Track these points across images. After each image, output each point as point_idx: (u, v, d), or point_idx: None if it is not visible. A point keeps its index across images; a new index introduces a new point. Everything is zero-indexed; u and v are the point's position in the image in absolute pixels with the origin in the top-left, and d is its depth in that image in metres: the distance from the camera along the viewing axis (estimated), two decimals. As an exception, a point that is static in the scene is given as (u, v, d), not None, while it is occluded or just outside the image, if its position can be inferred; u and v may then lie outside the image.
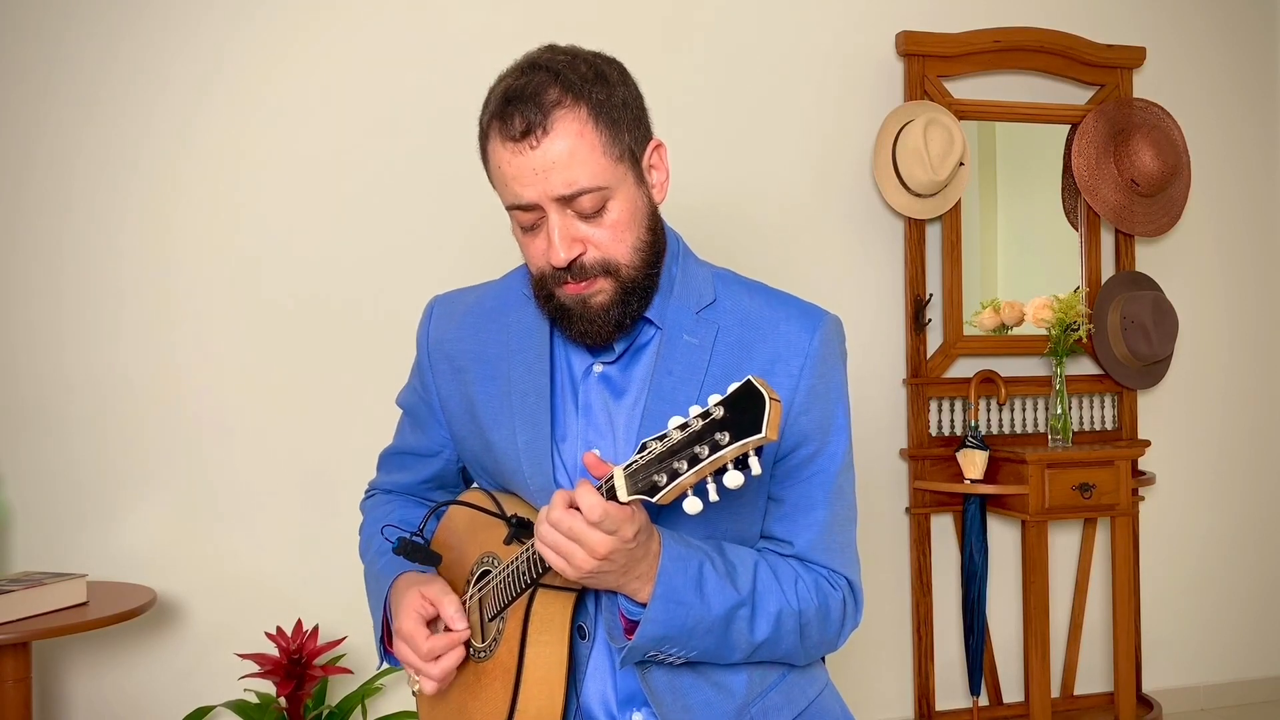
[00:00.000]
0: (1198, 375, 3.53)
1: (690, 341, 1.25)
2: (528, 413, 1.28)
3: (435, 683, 1.25)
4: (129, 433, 2.66)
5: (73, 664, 2.61)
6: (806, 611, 1.22)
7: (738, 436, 0.96)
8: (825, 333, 1.26)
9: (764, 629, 1.19)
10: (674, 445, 1.00)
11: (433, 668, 1.24)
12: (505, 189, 1.20)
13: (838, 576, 1.27)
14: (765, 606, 1.19)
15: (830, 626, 1.26)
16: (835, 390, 1.27)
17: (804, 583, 1.23)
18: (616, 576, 1.11)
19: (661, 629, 1.13)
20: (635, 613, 1.15)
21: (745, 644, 1.19)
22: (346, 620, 2.64)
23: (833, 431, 1.27)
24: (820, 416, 1.25)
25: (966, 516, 3.09)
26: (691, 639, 1.15)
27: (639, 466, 1.02)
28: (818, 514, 1.26)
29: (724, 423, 0.97)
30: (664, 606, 1.12)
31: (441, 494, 1.51)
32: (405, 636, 1.27)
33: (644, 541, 1.10)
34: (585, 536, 1.05)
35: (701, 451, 0.98)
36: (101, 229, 2.66)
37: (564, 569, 1.08)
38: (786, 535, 1.27)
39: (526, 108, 1.16)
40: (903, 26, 3.20)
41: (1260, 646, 3.64)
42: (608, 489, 1.05)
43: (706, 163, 3.02)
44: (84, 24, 2.65)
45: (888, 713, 3.20)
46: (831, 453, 1.27)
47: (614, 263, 1.21)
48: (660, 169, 1.27)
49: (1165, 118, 3.36)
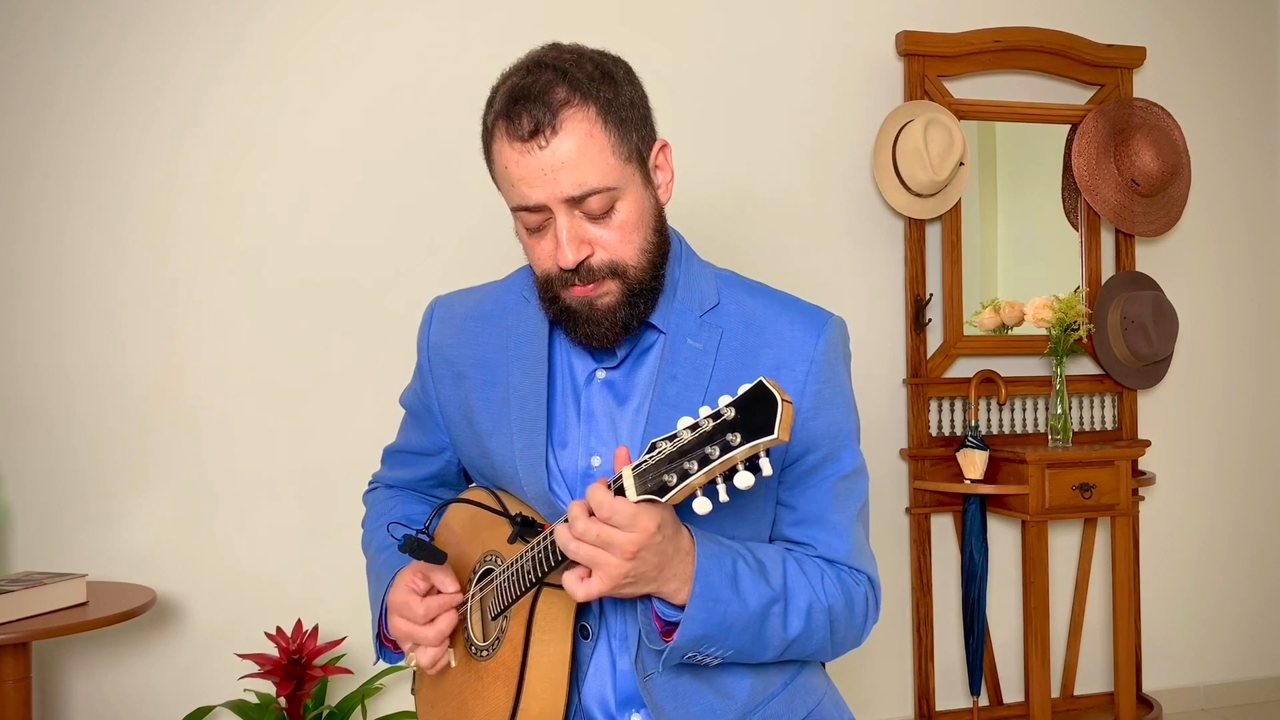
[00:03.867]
0: (1198, 375, 3.53)
1: (694, 346, 1.24)
2: (525, 419, 1.27)
3: (432, 649, 1.24)
4: (129, 432, 2.65)
5: (73, 664, 2.61)
6: (835, 606, 1.22)
7: (749, 437, 0.95)
8: (830, 336, 1.25)
9: (796, 624, 1.19)
10: (684, 445, 0.99)
11: (428, 630, 1.24)
12: (512, 190, 1.18)
13: (858, 574, 1.27)
14: (797, 602, 1.19)
15: (856, 620, 1.26)
16: (842, 394, 1.26)
17: (829, 578, 1.23)
18: (652, 577, 1.09)
19: (701, 628, 1.11)
20: (670, 615, 1.14)
21: (779, 640, 1.18)
22: (346, 620, 2.64)
23: (841, 436, 1.26)
24: (828, 421, 1.24)
25: (966, 516, 3.09)
26: (729, 637, 1.14)
27: (648, 466, 1.02)
28: (833, 519, 1.25)
29: (735, 423, 0.96)
30: (703, 605, 1.11)
31: (443, 490, 1.51)
32: (397, 607, 1.26)
33: (671, 536, 1.08)
34: (610, 538, 1.04)
35: (712, 452, 0.97)
36: (102, 228, 2.65)
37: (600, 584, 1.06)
38: (805, 540, 1.26)
39: (534, 107, 1.14)
40: (903, 26, 3.20)
41: (1260, 646, 3.64)
42: (616, 489, 1.04)
43: (706, 162, 3.02)
44: (88, 16, 2.64)
45: (888, 713, 3.20)
46: (842, 457, 1.26)
47: (621, 264, 1.19)
48: (666, 169, 1.26)
49: (1165, 118, 3.36)
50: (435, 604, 1.24)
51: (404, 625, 1.26)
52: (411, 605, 1.25)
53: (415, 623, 1.25)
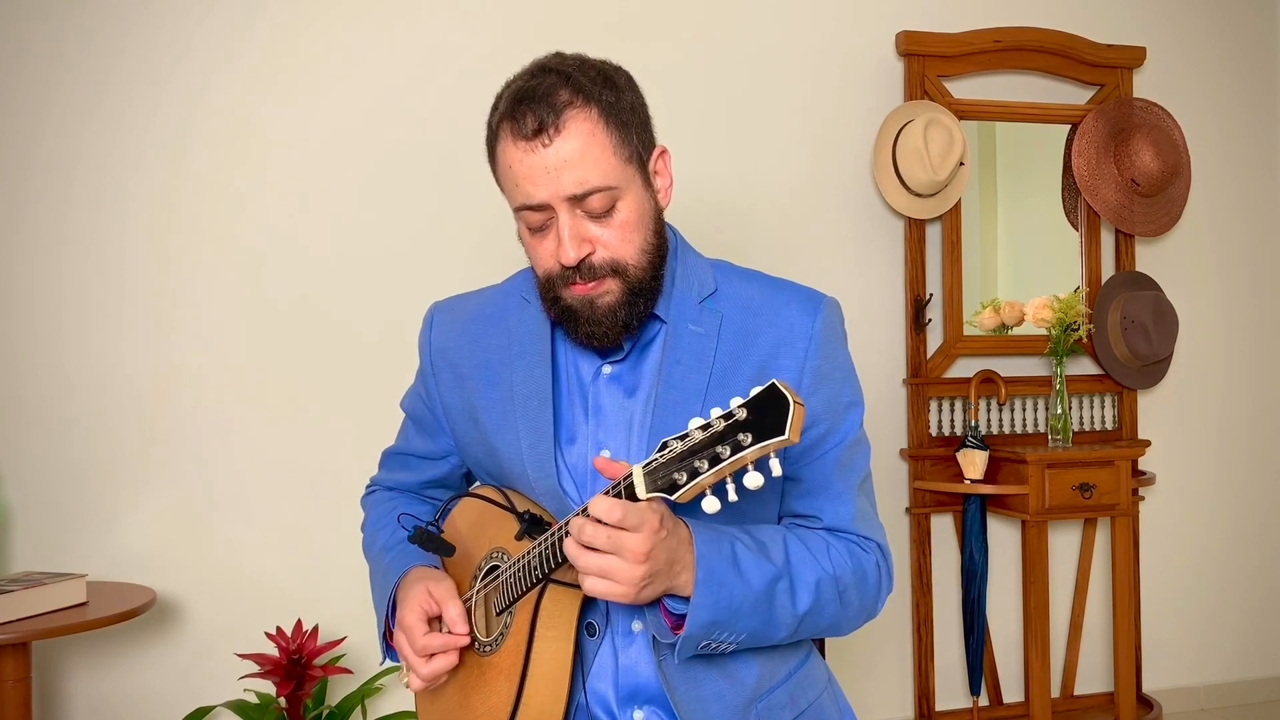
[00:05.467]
0: (1197, 375, 3.53)
1: (696, 331, 1.27)
2: (530, 417, 1.29)
3: (422, 681, 1.26)
4: (129, 433, 2.65)
5: (73, 664, 2.61)
6: (843, 577, 1.23)
7: (760, 438, 0.97)
8: (826, 315, 1.29)
9: (805, 599, 1.20)
10: (695, 445, 1.00)
11: (423, 665, 1.25)
12: (515, 190, 1.21)
13: (867, 542, 1.29)
14: (803, 576, 1.20)
15: (868, 590, 1.27)
16: (840, 369, 1.30)
17: (836, 549, 1.24)
18: (664, 575, 1.10)
19: (709, 613, 1.12)
20: (677, 608, 1.15)
21: (790, 618, 1.19)
22: (346, 620, 2.64)
23: (842, 408, 1.29)
24: (828, 396, 1.27)
25: (966, 516, 3.09)
26: (738, 619, 1.15)
27: (659, 465, 1.03)
28: (837, 488, 1.28)
29: (746, 424, 0.98)
30: (707, 590, 1.12)
31: (445, 494, 1.52)
32: (405, 629, 1.27)
33: (673, 530, 1.10)
34: (620, 542, 1.05)
35: (723, 451, 0.98)
36: (103, 228, 2.65)
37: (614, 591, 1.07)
38: (810, 511, 1.28)
39: (539, 107, 1.17)
40: (903, 26, 3.20)
41: (1260, 646, 3.64)
42: (626, 486, 1.06)
43: (706, 162, 3.02)
44: (89, 17, 2.65)
45: (888, 713, 3.20)
46: (844, 429, 1.29)
47: (622, 263, 1.22)
48: (665, 175, 1.29)
49: (1165, 118, 3.36)
50: (436, 642, 1.25)
51: (404, 647, 1.28)
52: (415, 634, 1.26)
53: (415, 653, 1.26)
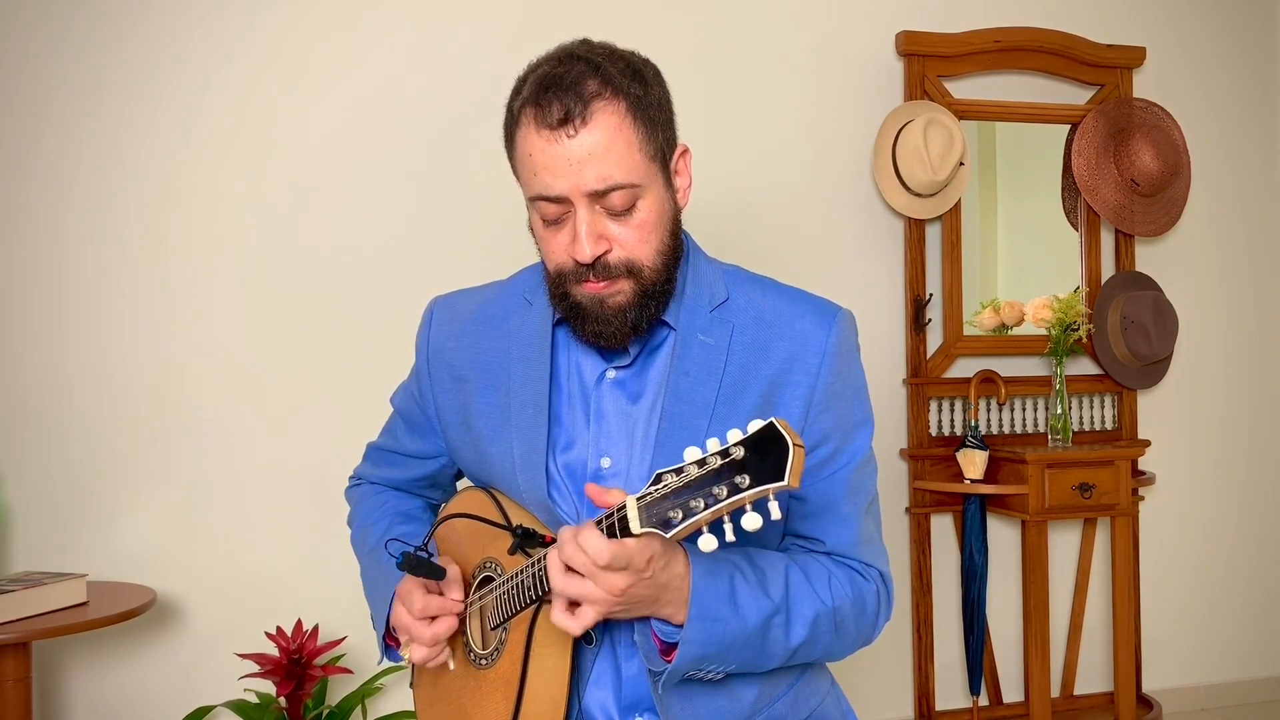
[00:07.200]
0: (1197, 375, 3.53)
1: (706, 341, 1.23)
2: (524, 425, 1.26)
3: (425, 649, 1.24)
4: (129, 433, 2.65)
5: (73, 664, 2.61)
6: (842, 608, 1.20)
7: (758, 481, 0.93)
8: (841, 329, 1.24)
9: (800, 633, 1.17)
10: (690, 481, 0.96)
11: (424, 630, 1.23)
12: (533, 179, 1.16)
13: (870, 569, 1.26)
14: (800, 611, 1.17)
15: (866, 620, 1.25)
16: (853, 385, 1.26)
17: (837, 579, 1.21)
18: (645, 607, 1.08)
19: (700, 649, 1.10)
20: (669, 633, 1.12)
21: (782, 650, 1.17)
22: (346, 620, 2.64)
23: (852, 427, 1.26)
24: (840, 414, 1.24)
25: (966, 516, 3.09)
26: (729, 654, 1.13)
27: (653, 500, 0.98)
28: (843, 510, 1.24)
29: (744, 464, 0.93)
30: (700, 626, 1.09)
31: (434, 491, 1.50)
32: (402, 595, 1.26)
33: (664, 567, 1.06)
34: (598, 577, 1.03)
35: (720, 492, 0.94)
36: (103, 228, 2.65)
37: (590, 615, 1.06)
38: (814, 533, 1.25)
39: (566, 95, 1.12)
40: (903, 26, 3.20)
41: (1260, 646, 3.64)
42: (620, 519, 1.01)
43: (706, 162, 2.98)
44: (89, 18, 2.64)
45: (888, 713, 3.20)
46: (853, 449, 1.25)
47: (637, 264, 1.18)
48: (685, 175, 1.26)
49: (1165, 118, 3.36)
50: (435, 604, 1.24)
51: (404, 616, 1.26)
52: (413, 598, 1.24)
53: (414, 616, 1.24)
